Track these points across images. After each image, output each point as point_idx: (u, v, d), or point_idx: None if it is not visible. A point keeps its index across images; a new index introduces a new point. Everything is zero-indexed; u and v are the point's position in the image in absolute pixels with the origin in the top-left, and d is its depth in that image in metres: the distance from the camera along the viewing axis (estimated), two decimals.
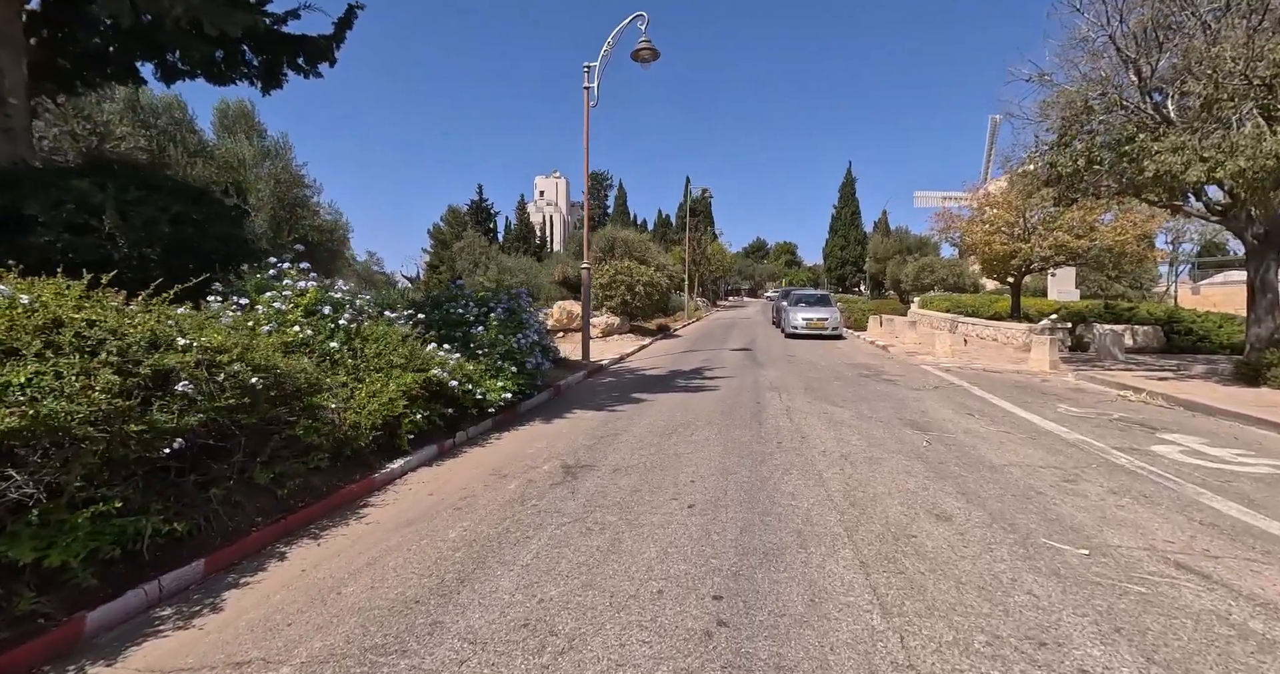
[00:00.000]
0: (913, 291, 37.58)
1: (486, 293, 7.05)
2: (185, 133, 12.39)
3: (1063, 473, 4.54)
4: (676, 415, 6.78)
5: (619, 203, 77.75)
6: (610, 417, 6.74)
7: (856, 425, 6.25)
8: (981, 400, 7.79)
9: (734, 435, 5.79)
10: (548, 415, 6.82)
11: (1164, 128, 7.53)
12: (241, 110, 13.57)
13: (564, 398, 8.11)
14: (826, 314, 17.27)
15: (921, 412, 6.99)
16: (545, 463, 4.85)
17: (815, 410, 7.06)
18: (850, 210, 61.73)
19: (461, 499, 3.96)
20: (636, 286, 17.49)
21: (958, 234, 17.66)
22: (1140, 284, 26.73)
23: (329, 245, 14.50)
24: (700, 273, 50.67)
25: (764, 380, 9.49)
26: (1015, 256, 14.78)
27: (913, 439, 5.66)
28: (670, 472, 4.61)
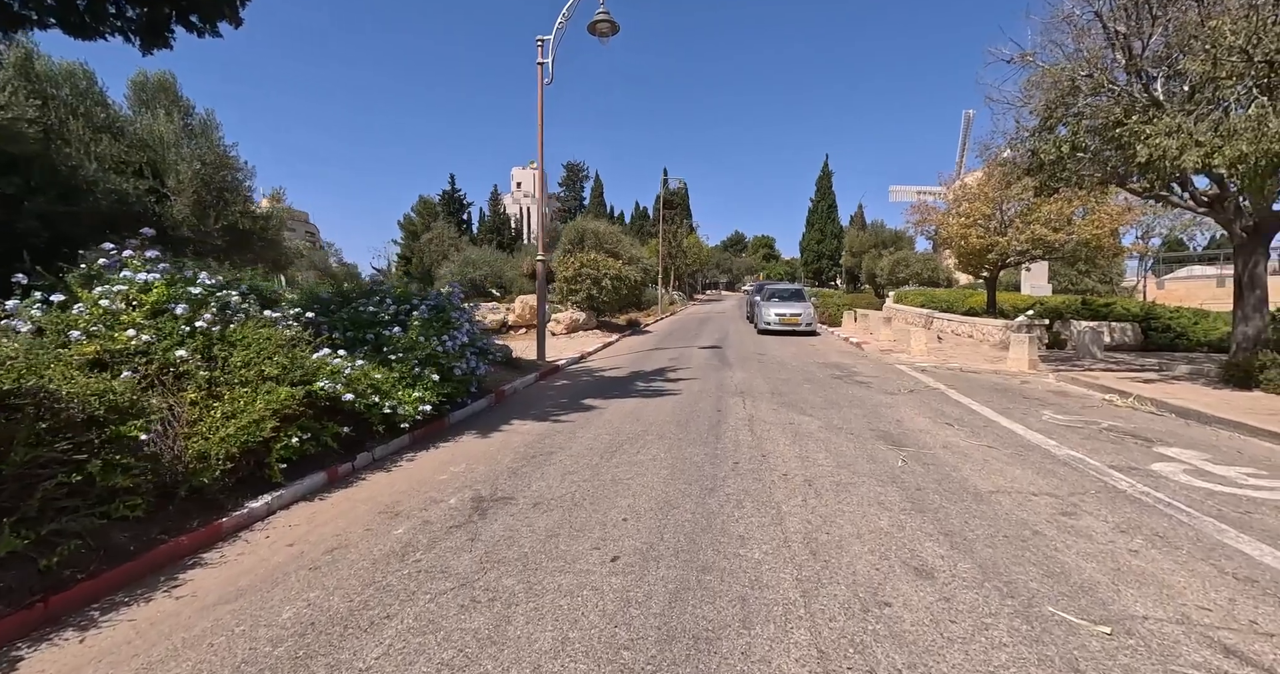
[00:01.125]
0: (888, 286, 37.48)
1: (409, 289, 6.16)
2: (92, 105, 11.11)
3: (1060, 503, 3.89)
4: (626, 427, 6.02)
5: (595, 194, 76.52)
6: (551, 429, 5.94)
7: (824, 439, 5.56)
8: (960, 407, 7.18)
9: (686, 453, 5.04)
10: (481, 428, 5.99)
11: (1154, 111, 6.96)
12: (162, 83, 12.29)
13: (506, 405, 7.28)
14: (800, 310, 16.68)
15: (896, 421, 6.34)
16: (454, 494, 4.03)
17: (780, 420, 6.36)
18: (827, 204, 61.59)
19: (327, 552, 3.13)
20: (603, 280, 16.66)
21: (933, 227, 17.20)
22: (1109, 279, 26.81)
23: (265, 234, 13.34)
24: (676, 266, 49.96)
25: (730, 383, 8.78)
26: (992, 250, 14.33)
27: (886, 457, 4.98)
28: (602, 505, 3.83)
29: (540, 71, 10.28)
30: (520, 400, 7.59)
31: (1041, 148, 8.43)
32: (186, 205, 11.76)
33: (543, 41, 10.17)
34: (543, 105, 10.36)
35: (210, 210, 12.25)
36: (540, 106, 10.36)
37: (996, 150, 10.49)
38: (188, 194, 11.71)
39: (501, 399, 7.60)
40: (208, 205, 12.26)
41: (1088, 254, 13.57)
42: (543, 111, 10.38)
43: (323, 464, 4.26)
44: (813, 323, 16.79)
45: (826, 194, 61.82)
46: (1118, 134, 6.88)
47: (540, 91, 10.31)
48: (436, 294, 6.35)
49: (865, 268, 44.66)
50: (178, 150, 11.72)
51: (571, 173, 75.41)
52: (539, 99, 10.33)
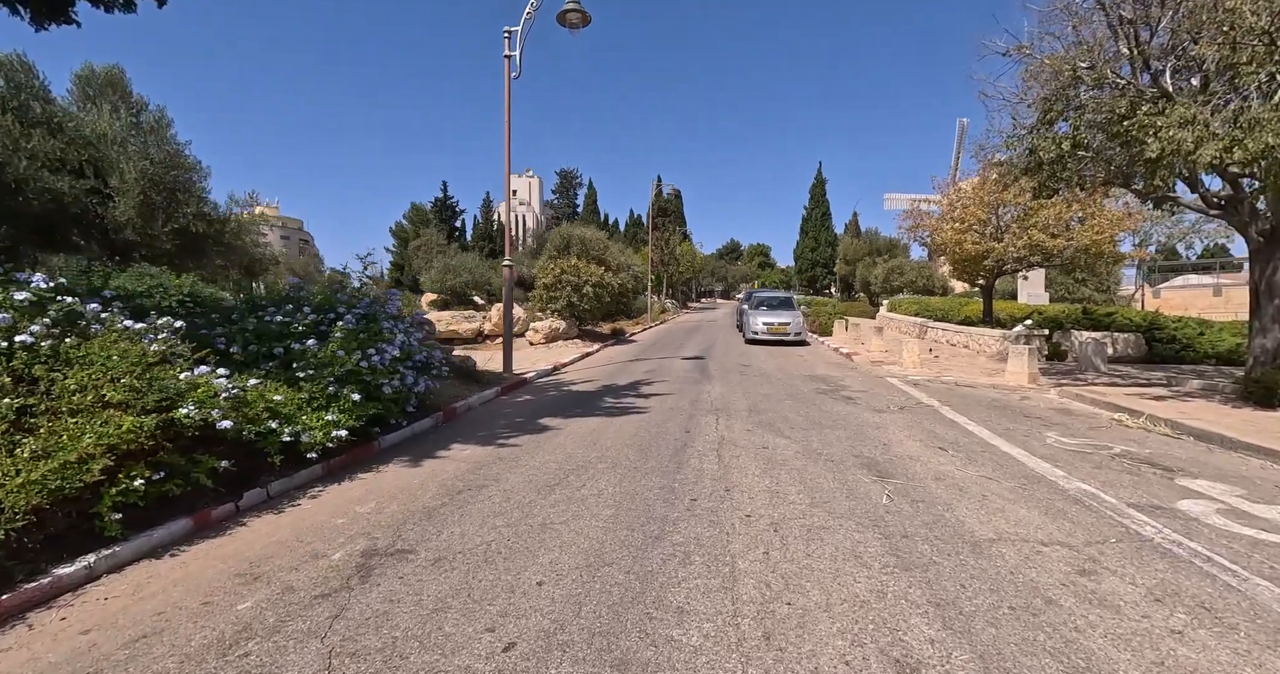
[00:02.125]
0: (882, 294, 37.01)
1: (333, 295, 5.45)
2: (28, 99, 10.42)
3: (1075, 556, 3.20)
4: (580, 453, 5.32)
5: (589, 201, 76.27)
6: (494, 455, 5.23)
7: (800, 468, 4.86)
8: (955, 427, 6.50)
9: (639, 487, 4.34)
10: (416, 454, 5.28)
11: (1164, 103, 6.36)
12: (110, 78, 11.61)
13: (455, 425, 6.57)
14: (788, 319, 16.02)
15: (883, 445, 5.65)
16: (343, 546, 3.32)
17: (754, 443, 5.67)
18: (821, 211, 61.31)
19: (128, 643, 2.40)
20: (584, 288, 15.98)
21: (927, 234, 16.61)
22: (1106, 287, 26.30)
23: (222, 238, 12.63)
24: (669, 273, 49.40)
25: (706, 399, 8.09)
26: (988, 257, 13.73)
27: (869, 491, 4.29)
28: (519, 561, 3.13)
29: (507, 65, 9.67)
30: (472, 419, 6.88)
31: (1040, 145, 7.83)
32: (132, 206, 11.03)
33: (510, 33, 9.56)
34: (509, 100, 9.73)
35: (159, 212, 11.55)
36: (507, 101, 9.73)
37: (992, 150, 9.90)
38: (133, 194, 10.99)
39: (451, 418, 6.89)
40: (156, 207, 11.55)
41: (1087, 261, 12.98)
42: (509, 107, 9.75)
43: (192, 507, 3.55)
44: (802, 332, 16.14)
45: (820, 201, 61.56)
46: (1125, 127, 6.26)
47: (507, 85, 9.69)
48: (367, 301, 5.65)
49: (860, 276, 44.22)
50: (123, 148, 11.04)
51: (565, 180, 75.09)
52: (506, 93, 9.70)
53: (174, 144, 12.27)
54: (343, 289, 5.93)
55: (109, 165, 11.00)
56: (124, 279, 8.44)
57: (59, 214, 10.10)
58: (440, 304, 21.53)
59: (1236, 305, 22.75)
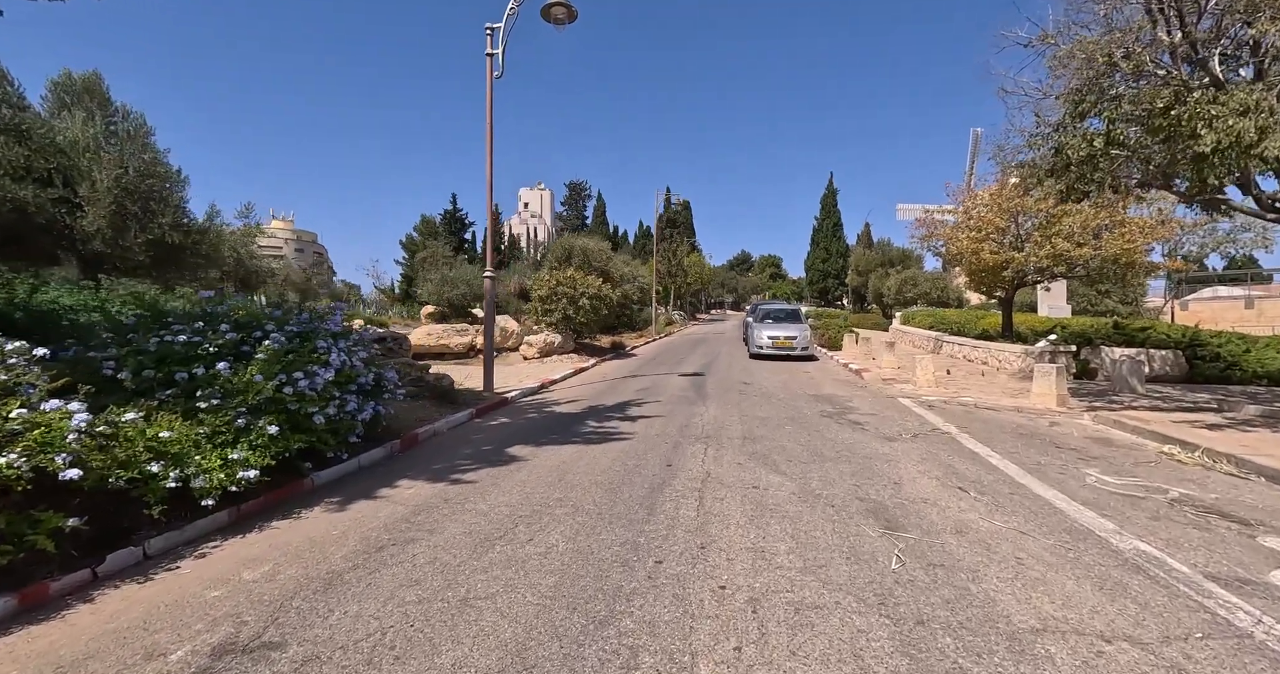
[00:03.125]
0: (895, 305, 36.07)
1: (259, 312, 4.79)
2: (10, 109, 10.04)
3: (1153, 665, 2.40)
4: (539, 493, 4.58)
5: (598, 213, 76.11)
6: (439, 496, 4.52)
7: (794, 517, 4.08)
8: (976, 461, 5.68)
9: (596, 543, 3.60)
10: (350, 493, 4.57)
11: (1215, 92, 5.57)
12: (87, 84, 11.26)
13: (411, 455, 5.87)
14: (795, 332, 15.21)
15: (893, 484, 4.85)
16: (192, 639, 2.60)
17: (744, 481, 4.90)
18: (832, 222, 60.46)
19: None
20: (581, 300, 15.32)
21: (941, 243, 15.77)
22: (1132, 300, 25.16)
23: (199, 249, 12.15)
24: (677, 285, 48.76)
25: (698, 423, 7.33)
26: (1007, 267, 12.87)
27: (875, 551, 3.50)
28: (411, 665, 2.40)
29: (489, 64, 9.11)
30: (433, 448, 6.18)
31: (1069, 143, 7.06)
32: (103, 216, 10.57)
33: (492, 30, 9.01)
34: (491, 101, 9.15)
35: (132, 222, 11.09)
36: (489, 101, 9.15)
37: (1012, 151, 9.12)
38: (103, 204, 10.55)
39: (412, 445, 6.19)
40: (130, 217, 11.10)
41: (1116, 272, 12.07)
42: (491, 108, 9.17)
43: (25, 580, 2.86)
44: (809, 347, 15.31)
45: (831, 212, 60.73)
46: (1173, 118, 5.49)
47: (489, 85, 9.12)
48: (306, 316, 4.99)
49: (872, 287, 43.27)
50: (95, 155, 10.62)
51: (574, 192, 75.07)
52: (488, 93, 9.12)
53: (152, 151, 11.84)
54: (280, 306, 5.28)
55: (79, 174, 10.55)
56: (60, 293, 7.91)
57: (23, 224, 9.65)
58: (438, 317, 20.99)
59: (1271, 319, 21.53)
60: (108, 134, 11.33)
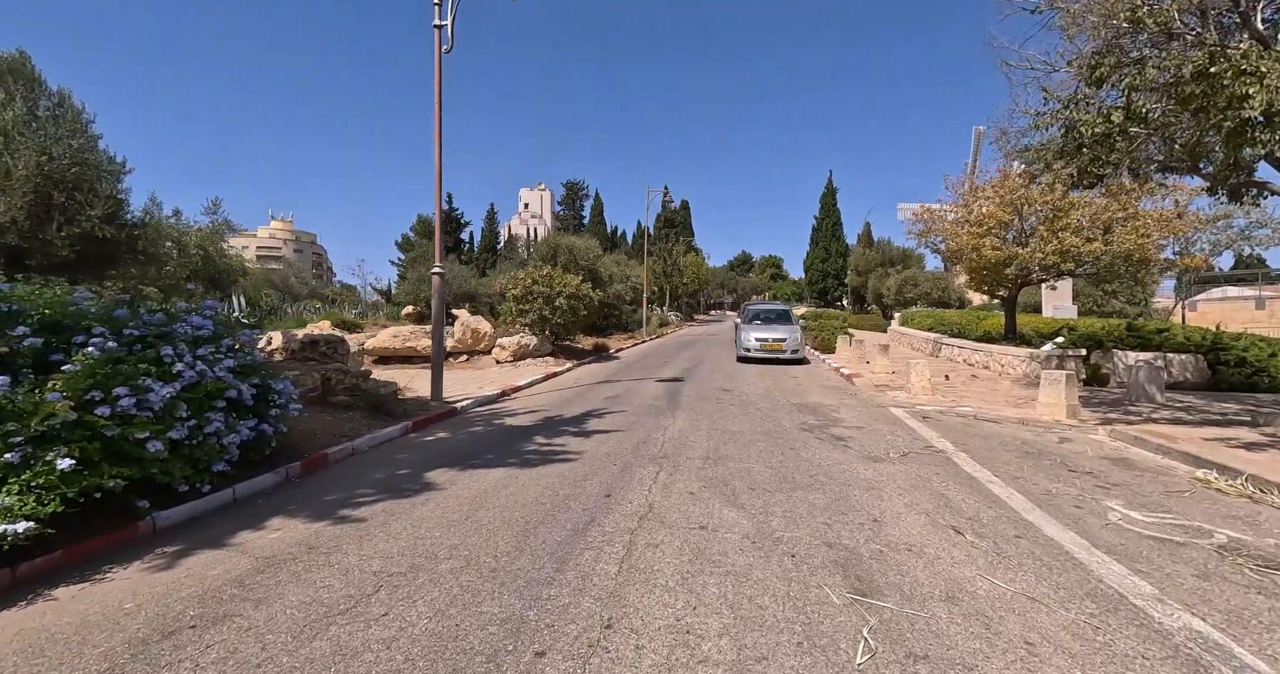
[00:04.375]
0: (895, 306, 35.19)
1: (80, 311, 3.90)
2: None
3: None
4: (432, 537, 3.71)
5: (595, 212, 75.30)
6: (304, 543, 3.64)
7: (742, 573, 3.20)
8: (975, 489, 4.78)
9: (468, 622, 2.72)
10: (197, 539, 3.68)
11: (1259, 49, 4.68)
12: (12, 65, 10.40)
13: (308, 482, 4.98)
14: (784, 334, 14.30)
15: (873, 523, 3.97)
16: None
17: (691, 519, 4.01)
18: (831, 221, 59.51)
19: None
20: (557, 300, 14.44)
21: (939, 239, 14.87)
22: (1139, 300, 24.20)
23: (135, 245, 11.28)
24: (673, 285, 47.88)
25: (659, 439, 6.45)
26: (1010, 265, 11.96)
27: (837, 631, 2.62)
28: None
29: (437, 36, 8.25)
30: (339, 472, 5.29)
31: (1082, 120, 6.17)
32: (20, 206, 9.71)
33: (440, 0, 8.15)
34: (440, 77, 8.28)
35: (56, 214, 10.21)
36: (438, 78, 8.28)
37: (1016, 135, 8.24)
38: (18, 193, 9.69)
39: (317, 469, 5.31)
40: (55, 208, 10.22)
41: (1128, 269, 11.15)
42: (440, 85, 8.30)
43: None
44: (799, 349, 14.40)
45: (831, 211, 59.80)
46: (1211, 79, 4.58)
47: (438, 59, 8.25)
48: (151, 316, 4.10)
49: (872, 288, 42.35)
50: (8, 141, 9.77)
51: (571, 192, 74.24)
52: (436, 69, 8.26)
53: (85, 137, 10.95)
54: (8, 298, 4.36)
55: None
56: None
57: None
58: (415, 317, 20.14)
59: None
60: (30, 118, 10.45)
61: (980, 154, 42.83)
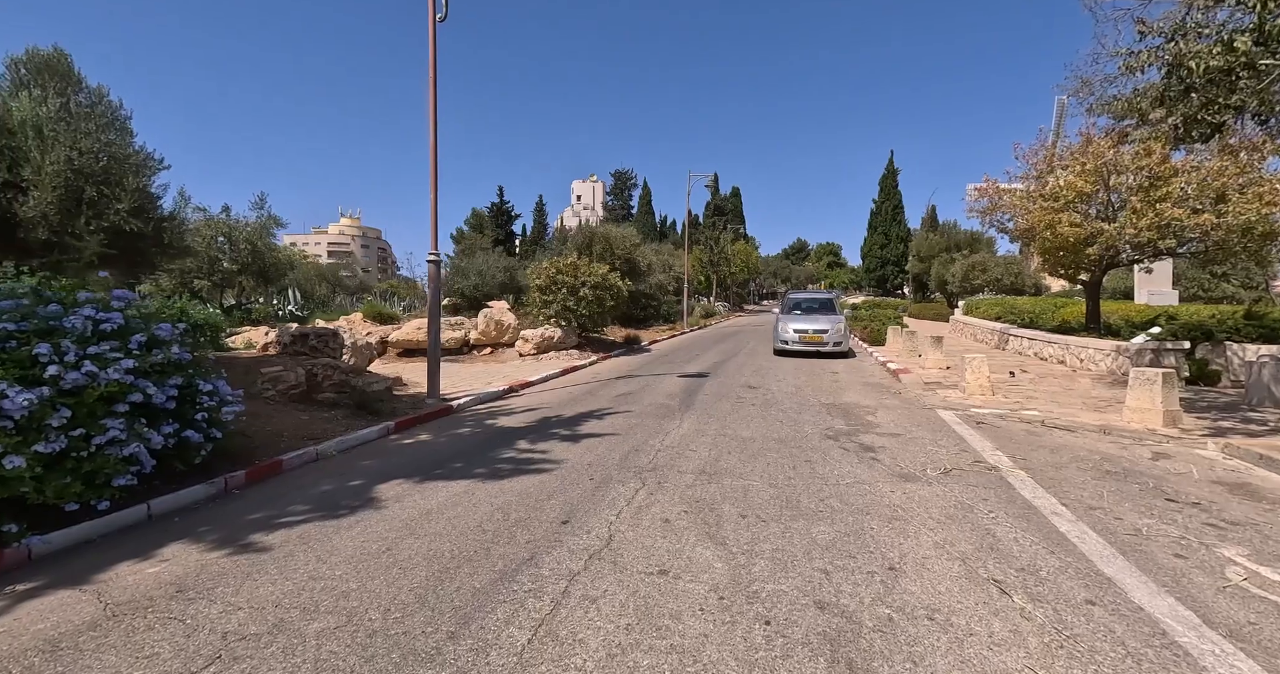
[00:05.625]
0: (961, 294, 32.61)
1: None
2: None
3: None
4: (324, 580, 3.08)
5: (644, 202, 74.51)
6: (178, 583, 3.07)
7: (690, 652, 2.38)
8: (1035, 523, 3.71)
9: None
10: (64, 573, 3.15)
11: None
12: (49, 62, 10.65)
13: (249, 493, 4.50)
14: (826, 325, 13.04)
15: (887, 571, 3.03)
16: None
17: (652, 560, 3.21)
18: (892, 205, 56.18)
19: None
20: (581, 290, 13.78)
21: (1007, 217, 13.17)
22: (1258, 283, 21.06)
23: (164, 238, 11.43)
24: (720, 274, 46.50)
25: (654, 446, 5.64)
26: (1093, 243, 10.29)
27: None
28: None
29: (431, 4, 7.65)
30: (285, 482, 4.77)
31: (1192, 51, 4.87)
32: (51, 201, 9.91)
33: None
34: (434, 47, 7.68)
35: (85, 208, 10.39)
36: (432, 48, 7.68)
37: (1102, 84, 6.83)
38: (48, 187, 9.88)
39: (266, 477, 4.84)
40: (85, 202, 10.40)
41: (1249, 246, 9.28)
42: (434, 57, 7.70)
43: None
44: (843, 342, 13.11)
45: (891, 194, 56.44)
46: None
47: (432, 29, 7.66)
48: (52, 307, 3.64)
49: (935, 274, 39.52)
50: (39, 135, 9.96)
51: (619, 181, 73.64)
52: (430, 40, 7.66)
53: (118, 132, 11.13)
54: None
55: (20, 155, 9.90)
56: None
57: None
58: (450, 309, 20.08)
59: None
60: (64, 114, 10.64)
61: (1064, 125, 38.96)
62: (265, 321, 18.57)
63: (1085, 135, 10.60)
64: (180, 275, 20.12)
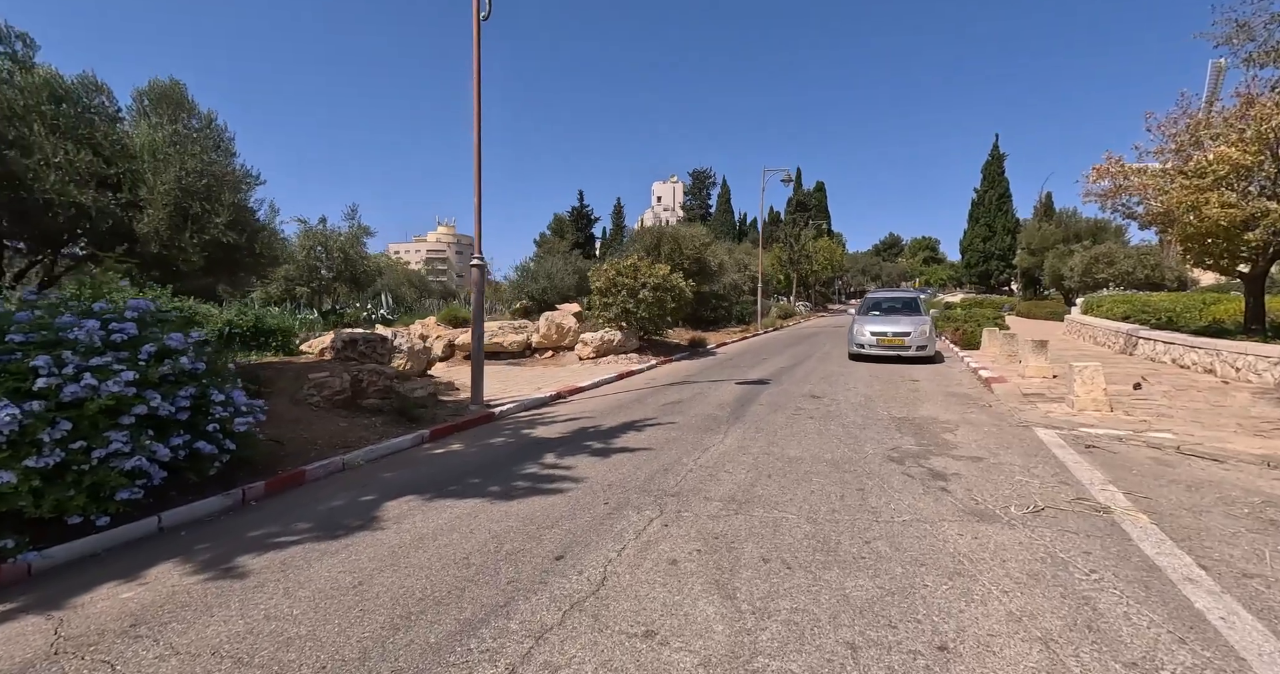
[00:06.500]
0: (1081, 290, 29.00)
1: None
2: (77, 115, 10.77)
3: None
4: (260, 631, 2.83)
5: (722, 200, 73.34)
6: (132, 616, 2.93)
7: None
8: (1159, 595, 2.79)
9: None
10: (47, 593, 3.14)
11: None
12: (165, 91, 11.83)
13: (266, 505, 4.46)
14: (908, 328, 11.72)
15: (936, 654, 2.32)
16: None
17: (638, 620, 2.70)
18: (997, 193, 51.33)
19: None
20: (641, 292, 13.37)
21: (1135, 200, 11.23)
22: None
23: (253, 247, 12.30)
24: (800, 273, 44.48)
25: (686, 465, 5.10)
26: (1254, 226, 8.44)
27: None
28: None
29: (476, 3, 7.56)
30: (304, 495, 4.68)
31: None
32: (162, 217, 10.93)
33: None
34: (479, 46, 7.59)
35: (189, 223, 11.38)
36: (476, 47, 7.59)
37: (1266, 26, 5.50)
38: (160, 205, 10.90)
39: (288, 487, 4.81)
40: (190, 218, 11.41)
41: None
42: (479, 56, 7.61)
43: None
44: (928, 345, 11.72)
45: (996, 181, 51.55)
46: None
47: (476, 28, 7.56)
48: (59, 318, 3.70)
49: (1049, 268, 35.41)
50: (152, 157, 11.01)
51: (697, 180, 72.79)
52: (475, 38, 7.57)
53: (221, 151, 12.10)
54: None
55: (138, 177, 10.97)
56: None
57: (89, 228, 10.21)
58: (521, 312, 20.45)
59: None
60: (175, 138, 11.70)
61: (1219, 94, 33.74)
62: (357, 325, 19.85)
63: (1245, 96, 8.72)
64: (285, 283, 21.98)
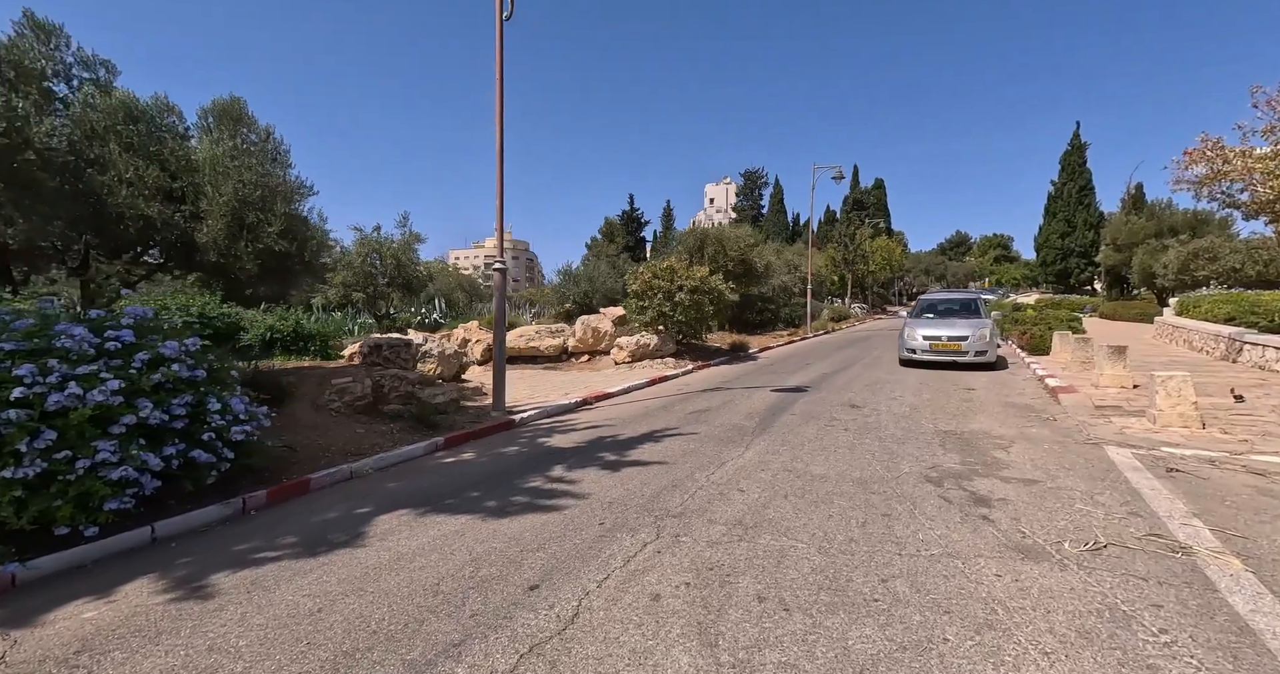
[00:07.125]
0: (1177, 289, 26.35)
1: None
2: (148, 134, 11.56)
3: None
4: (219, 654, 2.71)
5: (775, 200, 71.86)
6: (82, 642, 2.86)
7: None
8: (1249, 667, 2.21)
9: None
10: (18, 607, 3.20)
11: None
12: (226, 108, 12.55)
13: (264, 515, 4.42)
14: (966, 331, 10.78)
15: None
16: None
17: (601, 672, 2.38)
18: (1077, 186, 47.67)
19: None
20: (677, 295, 13.00)
21: (1238, 186, 9.93)
22: None
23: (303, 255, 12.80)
24: (856, 273, 42.71)
25: (698, 481, 4.73)
26: None
27: None
28: None
29: (499, 3, 7.50)
30: (304, 505, 4.62)
31: None
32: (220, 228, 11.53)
33: None
34: (501, 47, 7.52)
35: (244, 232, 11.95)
36: (499, 48, 7.52)
37: None
38: (218, 216, 11.49)
39: (285, 497, 4.76)
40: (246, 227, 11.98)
41: None
42: (501, 56, 7.53)
43: None
44: (988, 350, 10.72)
45: (1077, 173, 47.87)
46: None
47: (499, 27, 7.50)
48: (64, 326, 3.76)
49: (1139, 266, 32.40)
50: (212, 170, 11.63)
51: (749, 181, 71.53)
52: (498, 39, 7.50)
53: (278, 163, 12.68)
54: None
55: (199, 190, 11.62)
56: None
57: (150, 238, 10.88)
58: (564, 315, 20.52)
59: None
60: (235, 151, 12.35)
61: None
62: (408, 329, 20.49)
63: None
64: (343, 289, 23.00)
